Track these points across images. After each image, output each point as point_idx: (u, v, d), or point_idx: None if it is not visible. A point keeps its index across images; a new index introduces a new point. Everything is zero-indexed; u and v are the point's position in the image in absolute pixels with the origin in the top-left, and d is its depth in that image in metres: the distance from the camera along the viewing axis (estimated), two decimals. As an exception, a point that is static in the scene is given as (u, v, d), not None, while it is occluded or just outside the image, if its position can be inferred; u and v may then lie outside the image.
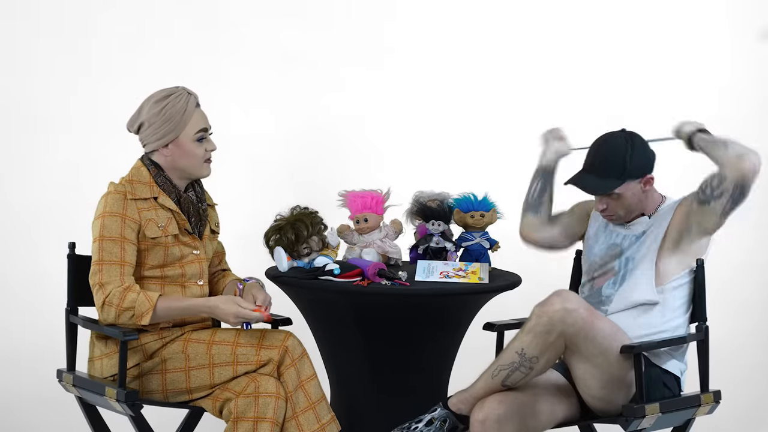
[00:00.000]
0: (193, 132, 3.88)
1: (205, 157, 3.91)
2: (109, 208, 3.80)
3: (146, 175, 3.89)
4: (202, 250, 3.94)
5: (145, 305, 3.73)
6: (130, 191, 3.83)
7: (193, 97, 3.91)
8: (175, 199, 3.89)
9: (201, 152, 3.90)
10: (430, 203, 4.43)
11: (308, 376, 3.86)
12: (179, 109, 3.86)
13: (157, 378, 3.86)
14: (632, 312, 3.91)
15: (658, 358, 3.90)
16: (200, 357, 3.84)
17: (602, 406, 3.85)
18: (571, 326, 3.72)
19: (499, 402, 3.76)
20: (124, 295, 3.73)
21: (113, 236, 3.77)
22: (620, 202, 3.94)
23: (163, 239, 3.85)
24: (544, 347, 3.74)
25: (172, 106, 3.85)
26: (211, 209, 4.07)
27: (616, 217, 3.98)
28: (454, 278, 4.17)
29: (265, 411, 3.73)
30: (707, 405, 4.00)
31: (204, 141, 3.90)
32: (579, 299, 3.76)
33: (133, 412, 3.78)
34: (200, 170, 3.92)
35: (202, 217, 3.97)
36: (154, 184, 3.88)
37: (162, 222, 3.85)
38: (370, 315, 4.16)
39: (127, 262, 3.78)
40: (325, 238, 4.28)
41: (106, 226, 3.78)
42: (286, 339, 3.85)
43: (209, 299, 3.83)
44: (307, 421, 3.81)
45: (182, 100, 3.86)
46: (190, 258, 3.91)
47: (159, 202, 3.86)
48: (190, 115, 3.87)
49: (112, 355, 3.88)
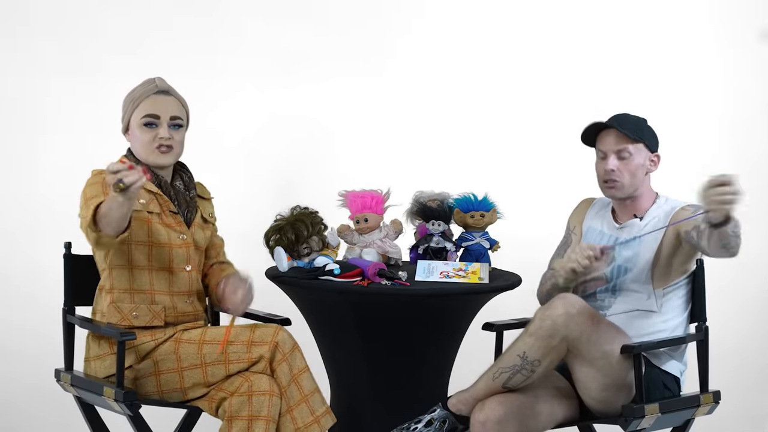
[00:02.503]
0: (140, 116, 3.89)
1: (155, 144, 3.90)
2: (89, 182, 3.84)
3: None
4: (189, 235, 3.94)
5: (89, 211, 3.66)
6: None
7: (155, 84, 3.93)
8: (155, 182, 3.91)
9: (147, 138, 3.89)
10: (430, 203, 4.43)
11: (300, 369, 3.85)
12: (136, 94, 3.92)
13: (151, 380, 3.86)
14: (632, 314, 3.92)
15: (657, 358, 3.91)
16: (192, 357, 3.84)
17: (602, 408, 3.85)
18: (574, 330, 3.72)
19: (499, 403, 3.75)
20: (88, 211, 3.68)
21: (95, 193, 3.77)
22: (628, 166, 3.94)
23: (145, 214, 3.85)
24: (547, 351, 3.74)
25: (133, 91, 3.93)
26: (206, 201, 4.07)
27: (619, 186, 3.96)
28: (454, 278, 4.17)
29: (259, 409, 3.72)
30: (707, 405, 4.00)
31: (152, 127, 3.90)
32: (582, 303, 3.76)
33: (132, 412, 3.78)
34: (149, 157, 3.91)
35: (190, 204, 3.97)
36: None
37: (142, 199, 3.86)
38: (370, 315, 4.16)
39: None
40: (325, 238, 4.29)
41: (87, 192, 3.80)
42: (276, 334, 3.84)
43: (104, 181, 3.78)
44: (300, 414, 3.80)
45: (143, 87, 3.92)
46: (177, 242, 3.91)
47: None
48: (141, 99, 3.90)
49: (104, 357, 3.88)
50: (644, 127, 3.98)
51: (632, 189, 3.98)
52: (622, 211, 4.05)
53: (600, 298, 3.98)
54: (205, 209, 4.04)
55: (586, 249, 3.82)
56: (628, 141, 3.94)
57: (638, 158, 3.95)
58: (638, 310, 3.92)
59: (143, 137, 3.90)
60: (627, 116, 4.00)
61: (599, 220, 4.11)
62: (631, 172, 3.95)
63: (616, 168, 3.95)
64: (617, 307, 3.94)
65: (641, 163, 3.96)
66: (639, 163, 3.95)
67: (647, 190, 4.02)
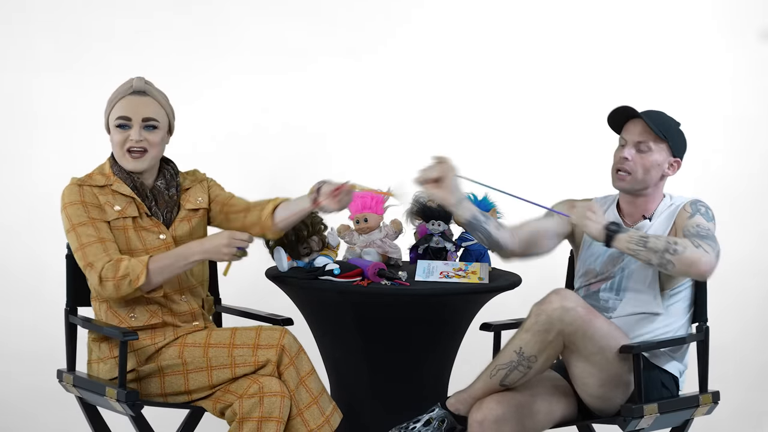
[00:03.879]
0: (114, 117, 3.89)
1: (125, 147, 3.89)
2: (67, 199, 3.86)
3: (106, 166, 3.95)
4: (169, 235, 3.94)
5: (138, 267, 3.75)
6: (85, 180, 3.90)
7: (132, 86, 3.90)
8: (131, 185, 3.91)
9: (118, 139, 3.89)
10: (430, 203, 4.43)
11: (307, 372, 3.86)
12: (114, 95, 3.91)
13: (155, 381, 3.86)
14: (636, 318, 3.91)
15: (657, 358, 3.90)
16: (197, 360, 3.84)
17: (600, 405, 3.85)
18: (570, 325, 3.71)
19: (497, 402, 3.76)
20: (117, 266, 3.76)
21: (83, 221, 3.82)
22: (644, 160, 3.91)
23: (120, 221, 3.86)
24: (543, 346, 3.74)
25: (113, 92, 3.92)
26: (198, 185, 4.06)
27: (630, 179, 3.93)
28: (454, 278, 4.17)
29: (270, 410, 3.73)
30: (706, 405, 4.00)
31: (124, 129, 3.89)
32: (577, 298, 3.76)
33: (134, 412, 3.79)
34: (121, 160, 3.91)
35: (169, 203, 3.97)
36: (111, 174, 3.92)
37: (119, 205, 3.87)
38: (370, 315, 4.17)
39: (106, 238, 3.81)
40: (325, 238, 4.29)
41: (72, 215, 3.83)
42: (282, 337, 3.85)
43: (201, 241, 3.85)
44: (312, 416, 3.81)
45: (119, 89, 3.91)
46: (156, 243, 3.91)
47: (113, 189, 3.89)
48: (116, 100, 3.90)
49: (107, 360, 3.89)
50: (674, 129, 3.93)
51: (642, 185, 3.93)
52: (632, 209, 4.01)
53: (604, 299, 3.97)
54: (192, 198, 4.03)
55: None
56: (651, 136, 3.90)
57: (657, 156, 3.90)
58: (643, 314, 3.91)
59: (115, 138, 3.90)
60: (660, 114, 3.95)
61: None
62: (645, 168, 3.91)
63: (631, 157, 3.91)
64: (622, 309, 3.92)
65: (659, 162, 3.91)
66: (656, 161, 3.90)
67: (658, 192, 3.98)
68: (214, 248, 3.80)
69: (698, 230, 3.80)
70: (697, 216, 3.86)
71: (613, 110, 3.96)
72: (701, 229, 3.81)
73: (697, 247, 3.70)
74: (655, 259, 3.72)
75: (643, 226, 3.95)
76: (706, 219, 3.86)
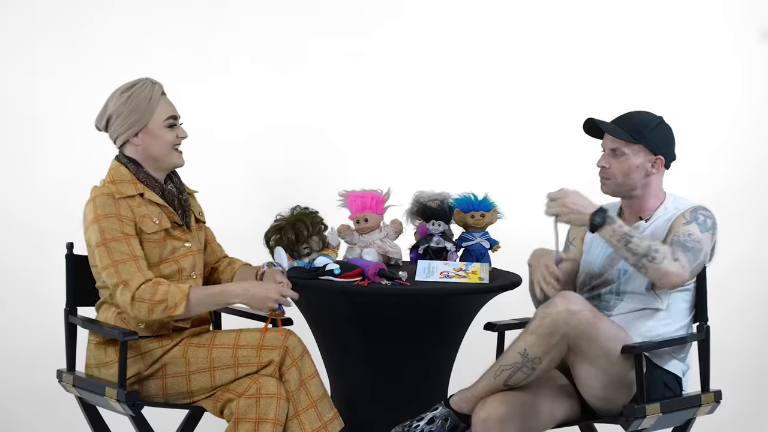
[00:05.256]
0: (163, 118, 3.87)
1: (175, 144, 3.89)
2: (101, 210, 3.77)
3: (126, 173, 3.85)
4: (192, 242, 3.93)
5: (177, 295, 3.70)
6: (116, 191, 3.80)
7: (158, 86, 3.89)
8: (159, 193, 3.87)
9: (171, 138, 3.87)
10: (430, 203, 4.43)
11: (309, 375, 3.85)
12: (145, 96, 3.84)
13: (156, 382, 3.85)
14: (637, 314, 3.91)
15: (659, 358, 3.90)
16: (201, 361, 3.83)
17: (603, 406, 3.85)
18: (575, 328, 3.71)
19: (500, 402, 3.75)
20: (155, 289, 3.70)
21: (116, 236, 3.74)
22: (622, 165, 3.90)
23: (159, 235, 3.83)
24: (547, 348, 3.74)
25: (137, 95, 3.84)
26: (192, 198, 4.04)
27: (611, 184, 3.93)
28: (454, 278, 4.17)
29: (266, 412, 3.72)
30: (708, 405, 3.99)
31: (174, 128, 3.89)
32: (583, 301, 3.75)
33: (134, 413, 3.78)
34: (171, 158, 3.89)
35: (185, 207, 3.95)
36: (137, 181, 3.85)
37: (155, 217, 3.83)
38: (370, 315, 4.16)
39: (139, 256, 3.75)
40: (325, 238, 4.29)
41: (105, 228, 3.74)
42: (286, 339, 3.84)
43: (241, 282, 3.84)
44: (308, 419, 3.80)
45: (147, 88, 3.86)
46: (183, 251, 3.89)
47: (146, 198, 3.84)
48: (156, 102, 3.86)
49: (111, 365, 3.85)
50: (650, 128, 3.90)
51: (626, 188, 3.93)
52: (628, 211, 4.01)
53: (605, 299, 3.97)
54: (194, 208, 4.02)
55: (547, 276, 3.86)
56: (623, 141, 3.90)
57: (634, 159, 3.90)
58: (644, 309, 3.90)
59: (167, 137, 3.86)
60: (633, 115, 3.94)
61: None
62: (624, 172, 3.90)
63: (608, 164, 3.93)
64: (623, 307, 3.92)
65: (637, 165, 3.90)
66: (634, 164, 3.90)
67: (654, 191, 3.96)
68: (261, 298, 3.77)
69: (686, 239, 3.80)
70: (693, 224, 3.84)
71: (583, 123, 3.97)
72: (690, 239, 3.80)
73: (675, 260, 3.72)
74: (632, 260, 3.73)
75: (637, 227, 3.94)
76: (701, 229, 3.84)
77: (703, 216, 3.88)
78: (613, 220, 3.76)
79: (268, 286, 3.78)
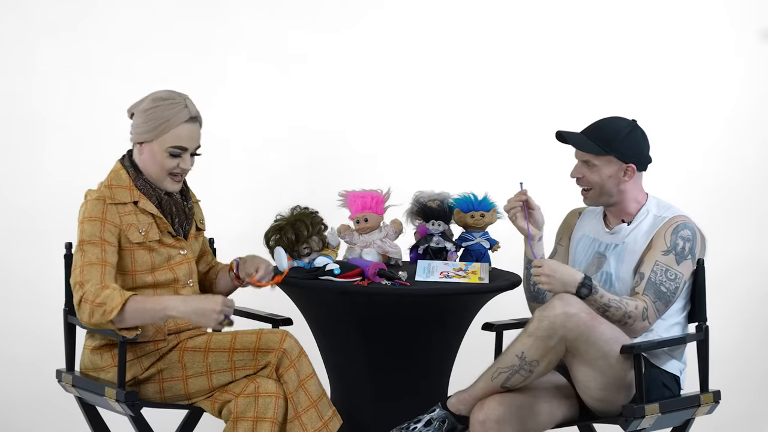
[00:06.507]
0: (168, 144, 3.79)
1: (172, 172, 3.82)
2: (88, 213, 3.76)
3: (126, 178, 3.84)
4: (188, 249, 3.92)
5: (117, 299, 3.61)
6: (109, 196, 3.79)
7: (188, 111, 3.81)
8: (156, 202, 3.85)
9: (170, 165, 3.81)
10: (430, 203, 4.43)
11: (307, 375, 3.85)
12: (166, 116, 3.78)
13: (153, 386, 3.85)
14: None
15: (657, 358, 3.90)
16: (197, 365, 3.83)
17: (602, 407, 3.85)
18: (572, 330, 3.71)
19: (498, 403, 3.75)
20: (99, 292, 3.63)
21: (93, 240, 3.72)
22: (594, 176, 3.92)
23: (147, 245, 3.81)
24: (545, 351, 3.74)
25: (162, 110, 3.78)
26: (196, 206, 4.03)
27: (592, 195, 3.96)
28: (454, 278, 4.17)
29: (265, 411, 3.72)
30: (707, 405, 4.00)
31: (177, 157, 3.82)
32: (580, 303, 3.75)
33: (133, 412, 3.78)
34: (161, 182, 3.84)
35: (188, 216, 3.94)
36: (134, 188, 3.83)
37: (143, 227, 3.81)
38: (370, 315, 4.16)
39: (108, 262, 3.71)
40: (325, 238, 4.29)
41: (86, 230, 3.74)
42: (283, 340, 3.83)
43: (186, 296, 3.74)
44: (310, 420, 3.80)
45: (174, 109, 3.79)
46: (178, 259, 3.89)
47: (140, 207, 3.82)
48: (172, 126, 3.78)
49: (108, 370, 3.85)
50: (620, 139, 3.90)
51: (606, 197, 3.96)
52: (611, 216, 4.03)
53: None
54: (197, 217, 4.01)
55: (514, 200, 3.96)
56: (592, 153, 3.92)
57: (606, 169, 3.92)
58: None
59: (164, 163, 3.80)
60: (602, 125, 3.95)
61: (591, 227, 4.09)
62: (599, 183, 3.94)
63: (582, 175, 3.96)
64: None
65: (609, 174, 3.92)
66: (606, 174, 3.92)
67: (632, 195, 3.97)
68: (202, 311, 3.64)
69: (662, 281, 3.83)
70: (670, 256, 3.85)
71: (555, 134, 3.99)
72: (666, 278, 3.83)
73: (644, 319, 3.78)
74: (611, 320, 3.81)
75: (620, 229, 3.95)
76: (678, 259, 3.85)
77: (682, 240, 3.88)
78: (595, 290, 3.78)
79: (209, 298, 3.68)
